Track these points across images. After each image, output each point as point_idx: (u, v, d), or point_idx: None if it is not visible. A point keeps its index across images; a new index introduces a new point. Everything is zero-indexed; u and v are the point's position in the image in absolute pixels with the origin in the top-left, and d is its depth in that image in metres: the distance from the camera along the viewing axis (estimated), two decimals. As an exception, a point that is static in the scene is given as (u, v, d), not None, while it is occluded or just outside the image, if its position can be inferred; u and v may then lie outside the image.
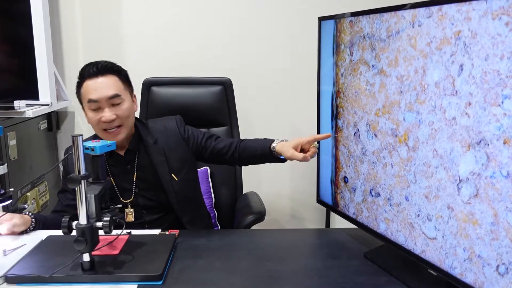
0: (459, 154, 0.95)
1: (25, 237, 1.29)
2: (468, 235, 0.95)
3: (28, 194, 2.07)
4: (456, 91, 0.94)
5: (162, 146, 1.52)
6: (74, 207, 1.46)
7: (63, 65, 2.37)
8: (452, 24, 0.94)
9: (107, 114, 1.40)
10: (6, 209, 1.57)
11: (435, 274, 1.05)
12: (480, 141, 0.90)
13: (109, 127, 1.42)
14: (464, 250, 0.96)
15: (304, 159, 1.34)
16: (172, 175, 1.51)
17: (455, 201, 0.97)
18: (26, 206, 2.05)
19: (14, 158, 1.98)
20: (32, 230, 1.36)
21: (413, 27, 1.06)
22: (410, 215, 1.11)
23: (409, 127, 1.09)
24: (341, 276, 1.14)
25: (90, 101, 1.40)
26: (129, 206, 1.50)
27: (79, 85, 1.44)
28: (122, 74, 1.47)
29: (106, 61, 1.45)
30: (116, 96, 1.42)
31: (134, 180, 1.50)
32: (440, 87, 0.98)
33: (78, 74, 1.45)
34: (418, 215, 1.08)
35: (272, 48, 2.42)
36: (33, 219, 1.36)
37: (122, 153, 1.51)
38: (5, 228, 1.29)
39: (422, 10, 1.02)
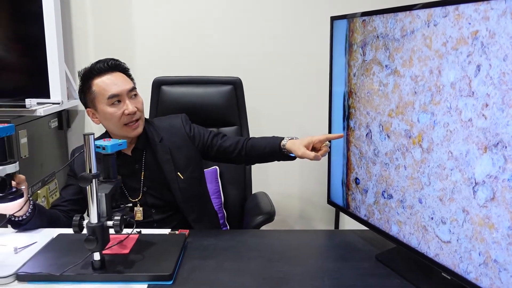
0: (475, 157, 0.93)
1: (36, 235, 1.30)
2: (483, 239, 0.93)
3: (38, 192, 2.08)
4: (473, 92, 0.93)
5: (167, 144, 1.52)
6: (73, 202, 1.48)
7: (74, 64, 2.38)
8: (469, 23, 0.93)
9: (130, 106, 1.41)
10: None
11: (449, 278, 1.03)
12: (498, 143, 0.88)
13: (131, 120, 1.42)
14: (479, 254, 0.94)
15: (316, 158, 1.32)
16: (178, 173, 1.50)
17: (470, 204, 0.95)
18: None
19: (25, 156, 1.99)
20: (28, 218, 1.30)
21: (428, 26, 1.04)
22: (423, 218, 1.09)
23: (424, 129, 1.07)
24: (352, 278, 1.13)
25: (112, 96, 1.40)
26: (138, 205, 1.50)
27: (88, 85, 1.43)
28: (127, 72, 1.49)
29: (113, 59, 1.46)
30: (134, 88, 1.45)
31: (142, 179, 1.50)
32: (456, 88, 0.97)
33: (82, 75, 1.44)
34: (432, 218, 1.07)
35: (283, 47, 2.41)
36: (31, 203, 1.30)
37: (129, 152, 1.50)
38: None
39: (438, 10, 1.01)
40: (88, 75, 1.43)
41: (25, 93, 2.09)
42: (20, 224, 1.31)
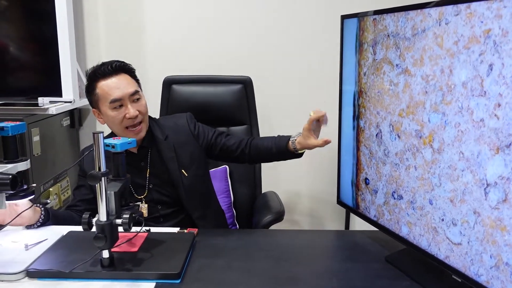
0: (487, 157, 0.91)
1: (46, 232, 1.31)
2: (495, 242, 0.91)
3: (50, 189, 2.11)
4: (485, 92, 0.91)
5: (172, 142, 1.53)
6: (88, 202, 1.50)
7: (86, 63, 2.40)
8: (482, 22, 0.91)
9: (131, 110, 1.41)
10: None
11: (460, 280, 1.02)
12: (510, 144, 0.86)
13: (132, 124, 1.43)
14: (491, 257, 0.92)
15: (326, 143, 1.36)
16: (182, 170, 1.51)
17: (482, 206, 0.94)
18: (48, 201, 2.08)
19: (37, 154, 2.01)
20: (42, 224, 1.35)
21: (439, 25, 1.02)
22: (434, 219, 1.08)
23: (434, 129, 1.05)
24: (361, 279, 1.12)
25: (114, 100, 1.40)
26: (143, 201, 1.51)
27: (92, 86, 1.44)
28: (132, 73, 1.49)
29: (118, 61, 1.46)
30: (136, 92, 1.44)
31: (148, 176, 1.51)
32: (468, 88, 0.95)
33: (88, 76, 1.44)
34: (443, 220, 1.05)
35: (293, 46, 2.40)
36: (42, 212, 1.35)
37: (135, 150, 1.51)
38: (7, 216, 1.25)
39: (449, 8, 0.99)
40: (93, 77, 1.43)
41: (38, 92, 2.11)
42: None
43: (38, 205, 1.38)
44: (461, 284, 1.02)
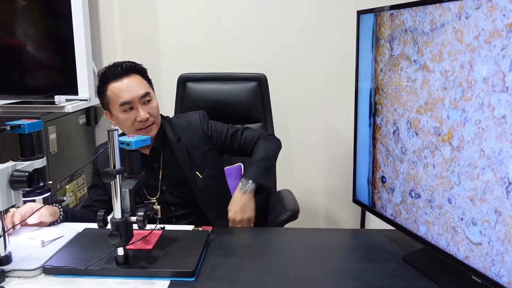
0: (509, 155, 0.89)
1: (62, 229, 1.32)
2: (517, 242, 0.88)
3: (67, 187, 2.13)
4: (507, 88, 0.88)
5: (185, 143, 1.51)
6: (104, 202, 1.50)
7: (101, 61, 2.42)
8: (504, 15, 0.88)
9: (142, 113, 1.40)
10: (45, 202, 1.61)
11: (480, 281, 0.99)
12: (533, 141, 0.83)
13: (143, 126, 1.42)
14: (512, 257, 0.90)
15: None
16: (196, 172, 1.50)
17: (503, 205, 0.91)
18: (65, 198, 2.11)
19: (54, 151, 2.03)
20: (61, 222, 1.37)
21: (459, 19, 1.00)
22: (453, 219, 1.05)
23: (454, 126, 1.03)
24: (377, 279, 1.10)
25: (124, 103, 1.39)
26: (156, 203, 1.50)
27: (103, 88, 1.42)
28: (144, 73, 1.47)
29: (128, 61, 1.43)
30: (147, 94, 1.42)
31: (160, 177, 1.51)
32: (489, 83, 0.92)
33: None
34: (462, 219, 1.02)
35: (308, 43, 2.38)
36: (61, 211, 1.38)
37: (147, 152, 1.50)
38: (33, 218, 1.29)
39: (469, 1, 0.96)
40: (103, 79, 1.41)
41: (55, 90, 2.14)
42: None
43: (56, 204, 1.40)
44: (481, 285, 0.99)
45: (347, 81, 1.86)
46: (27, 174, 1.05)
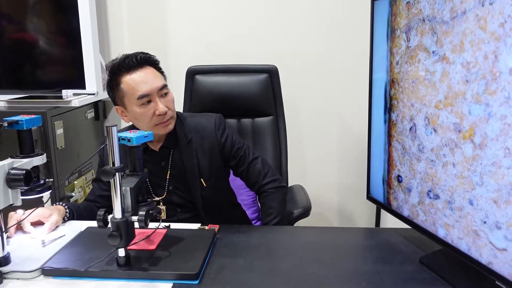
0: (538, 154, 0.81)
1: (64, 228, 1.29)
2: (546, 249, 0.81)
3: (75, 182, 2.11)
4: (537, 80, 0.80)
5: (195, 147, 1.44)
6: (106, 198, 1.45)
7: (109, 55, 2.38)
8: (534, 0, 0.80)
9: (161, 106, 1.33)
10: (53, 199, 1.58)
11: (504, 287, 0.92)
12: None
13: (162, 120, 1.35)
14: (540, 265, 0.83)
15: None
16: (202, 179, 1.43)
17: (531, 209, 0.84)
18: (73, 194, 2.09)
19: (61, 146, 2.01)
20: (67, 220, 1.34)
21: (482, 6, 0.92)
22: (474, 222, 0.98)
23: (476, 122, 0.95)
24: (393, 283, 1.04)
25: (142, 96, 1.31)
26: (161, 203, 1.45)
27: (116, 81, 1.34)
28: (157, 65, 1.40)
29: (142, 52, 1.36)
30: (165, 86, 1.36)
31: (168, 177, 1.45)
32: (516, 76, 0.85)
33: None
34: (485, 222, 0.95)
35: (320, 33, 2.30)
36: (67, 210, 1.34)
37: (156, 148, 1.45)
38: (47, 228, 1.24)
39: (495, -14, 0.88)
40: (116, 71, 1.33)
41: (62, 84, 2.11)
42: None
43: (61, 203, 1.36)
44: (505, 294, 0.92)
45: (361, 74, 1.78)
46: (24, 172, 1.01)
